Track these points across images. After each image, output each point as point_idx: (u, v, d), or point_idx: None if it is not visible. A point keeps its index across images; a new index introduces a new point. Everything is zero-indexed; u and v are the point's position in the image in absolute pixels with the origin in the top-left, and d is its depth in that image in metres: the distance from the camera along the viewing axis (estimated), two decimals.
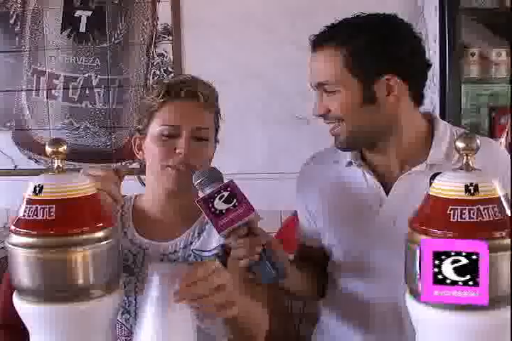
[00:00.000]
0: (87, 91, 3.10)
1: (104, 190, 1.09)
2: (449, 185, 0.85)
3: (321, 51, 1.39)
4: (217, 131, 1.47)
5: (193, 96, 1.39)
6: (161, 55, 3.05)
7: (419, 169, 1.41)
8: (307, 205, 1.57)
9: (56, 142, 0.92)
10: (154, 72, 3.06)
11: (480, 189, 0.83)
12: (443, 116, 2.46)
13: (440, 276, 0.79)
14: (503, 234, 0.83)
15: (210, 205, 1.17)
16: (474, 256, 0.77)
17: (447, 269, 0.79)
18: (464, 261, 0.78)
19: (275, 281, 1.28)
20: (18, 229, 0.89)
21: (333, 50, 1.37)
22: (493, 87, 2.80)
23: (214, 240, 1.39)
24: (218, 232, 1.19)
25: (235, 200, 1.17)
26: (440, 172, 0.92)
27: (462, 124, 2.54)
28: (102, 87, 3.09)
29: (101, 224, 0.91)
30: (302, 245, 1.60)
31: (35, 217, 0.88)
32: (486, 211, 0.82)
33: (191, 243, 1.41)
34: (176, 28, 3.02)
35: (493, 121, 2.80)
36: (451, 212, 0.82)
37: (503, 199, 0.85)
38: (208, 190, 1.20)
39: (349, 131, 1.40)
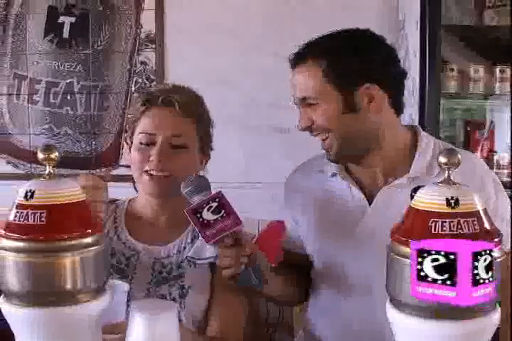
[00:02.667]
0: (69, 97, 3.10)
1: (95, 201, 1.11)
2: (430, 198, 0.88)
3: (300, 67, 1.44)
4: (204, 139, 1.50)
5: (169, 103, 1.44)
6: (143, 62, 3.07)
7: (401, 182, 1.44)
8: (292, 214, 1.60)
9: (48, 148, 0.94)
10: (136, 79, 3.08)
11: (460, 202, 0.86)
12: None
13: (422, 273, 0.81)
14: None
15: (199, 215, 1.19)
16: (452, 256, 0.79)
17: (428, 267, 0.81)
18: (442, 260, 0.80)
19: (259, 288, 1.32)
20: (8, 233, 0.90)
21: (312, 64, 1.42)
22: (468, 101, 2.87)
23: (209, 249, 1.42)
24: (206, 242, 1.21)
25: (223, 211, 1.20)
26: (422, 186, 0.96)
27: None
28: (84, 93, 3.09)
29: (90, 230, 0.92)
30: (288, 251, 1.62)
31: (25, 221, 0.89)
32: (465, 224, 0.85)
33: (184, 248, 1.44)
34: (159, 36, 3.05)
35: (469, 134, 2.87)
36: (433, 224, 0.85)
37: (482, 212, 0.89)
38: (197, 199, 1.22)
39: (339, 142, 1.43)
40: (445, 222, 0.85)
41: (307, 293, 1.61)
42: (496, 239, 0.88)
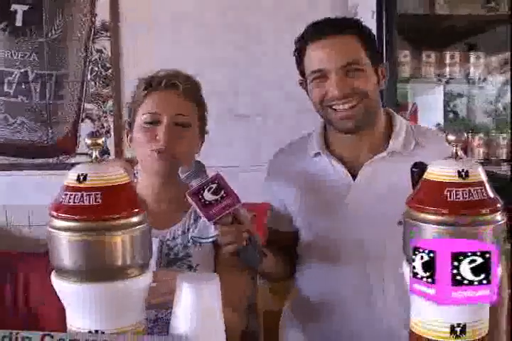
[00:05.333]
0: (23, 86, 3.08)
1: None
2: (444, 171, 1.01)
3: (339, 37, 1.53)
4: (202, 122, 1.57)
5: (173, 86, 1.50)
6: (99, 51, 3.08)
7: (382, 156, 1.58)
8: (277, 194, 1.69)
9: (95, 135, 1.01)
10: (92, 67, 3.09)
11: (470, 174, 0.99)
12: None
13: (415, 270, 0.93)
14: (488, 210, 0.99)
15: (200, 197, 1.29)
16: (432, 254, 0.89)
17: (418, 264, 0.92)
18: (426, 258, 0.91)
19: (259, 263, 1.42)
20: (61, 214, 0.96)
21: (353, 37, 1.53)
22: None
23: (212, 228, 1.48)
24: (208, 221, 1.31)
25: (222, 192, 1.29)
26: (419, 162, 1.09)
27: None
28: (39, 81, 3.08)
29: (136, 210, 1.00)
30: (270, 229, 1.72)
31: (81, 203, 0.95)
32: (475, 192, 0.98)
33: (188, 229, 1.51)
34: (114, 24, 3.07)
35: None
36: (448, 193, 0.98)
37: (486, 182, 1.02)
38: (194, 183, 1.31)
39: (365, 111, 1.54)
40: (458, 190, 0.98)
41: (292, 269, 1.72)
42: (499, 204, 1.01)
